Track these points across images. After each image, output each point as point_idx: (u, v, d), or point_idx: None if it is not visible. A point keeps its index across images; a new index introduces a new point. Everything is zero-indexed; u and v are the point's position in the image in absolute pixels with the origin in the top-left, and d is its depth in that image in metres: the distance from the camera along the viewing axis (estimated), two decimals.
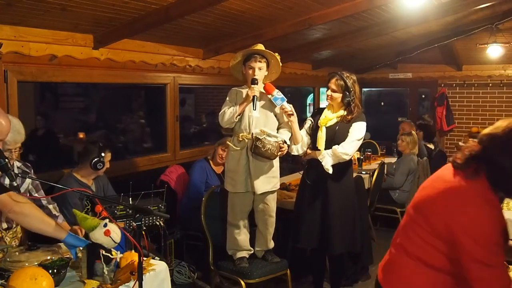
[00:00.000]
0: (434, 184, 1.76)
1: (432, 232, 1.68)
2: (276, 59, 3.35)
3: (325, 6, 3.96)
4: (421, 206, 1.77)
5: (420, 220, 1.73)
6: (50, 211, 2.88)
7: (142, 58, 4.10)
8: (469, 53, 7.12)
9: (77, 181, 3.42)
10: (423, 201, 1.77)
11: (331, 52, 6.18)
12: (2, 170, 1.96)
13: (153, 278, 2.41)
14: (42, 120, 5.90)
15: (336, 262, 3.75)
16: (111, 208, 2.77)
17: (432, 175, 1.85)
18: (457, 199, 1.63)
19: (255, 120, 3.31)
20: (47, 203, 2.90)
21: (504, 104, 7.61)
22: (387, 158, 6.29)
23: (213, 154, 4.42)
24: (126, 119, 7.68)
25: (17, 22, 3.06)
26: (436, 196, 1.71)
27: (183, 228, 4.25)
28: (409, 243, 1.78)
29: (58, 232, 2.25)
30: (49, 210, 2.87)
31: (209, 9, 3.39)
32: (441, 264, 1.69)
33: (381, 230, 5.73)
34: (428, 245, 1.70)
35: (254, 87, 3.22)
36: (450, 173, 1.71)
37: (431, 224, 1.69)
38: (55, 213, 2.92)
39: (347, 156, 3.41)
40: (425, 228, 1.71)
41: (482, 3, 4.85)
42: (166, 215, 2.43)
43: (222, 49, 4.64)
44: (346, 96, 3.43)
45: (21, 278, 1.95)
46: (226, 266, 3.52)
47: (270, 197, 3.44)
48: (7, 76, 3.17)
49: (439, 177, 1.77)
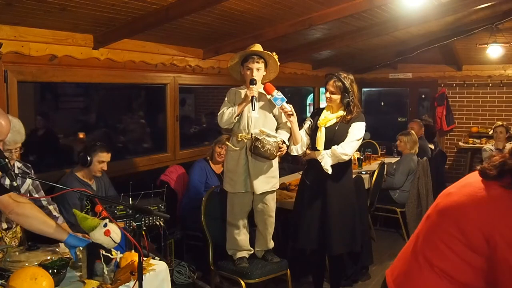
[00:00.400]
0: (464, 191, 1.60)
1: (468, 244, 1.51)
2: (274, 59, 3.35)
3: (325, 6, 3.97)
4: (451, 213, 1.60)
5: (451, 229, 1.55)
6: (50, 212, 2.87)
7: (142, 58, 4.10)
8: (469, 53, 7.12)
9: (78, 180, 3.43)
10: (453, 208, 1.59)
11: (331, 52, 6.18)
12: (2, 170, 1.96)
13: (153, 278, 2.41)
14: (42, 120, 5.89)
15: (336, 262, 3.74)
16: (111, 208, 2.77)
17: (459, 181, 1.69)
18: (498, 208, 1.49)
19: (254, 121, 3.31)
20: (48, 204, 2.91)
21: (504, 104, 7.62)
22: (387, 158, 6.28)
23: (211, 154, 4.42)
24: (126, 119, 7.67)
25: (17, 22, 3.06)
26: (470, 203, 1.55)
27: (183, 228, 4.25)
28: (434, 254, 1.58)
29: (59, 233, 2.26)
30: (49, 211, 2.87)
31: (209, 9, 3.39)
32: (471, 281, 1.53)
33: (381, 230, 5.73)
34: (459, 258, 1.52)
35: (253, 88, 3.22)
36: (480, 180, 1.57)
37: (466, 235, 1.51)
38: (55, 214, 2.92)
39: (346, 156, 3.40)
40: (459, 238, 1.53)
41: (482, 3, 4.85)
42: (166, 215, 2.43)
43: (222, 49, 4.64)
44: (345, 97, 3.42)
45: (21, 278, 1.95)
46: (226, 266, 3.52)
47: (269, 197, 3.44)
48: (7, 76, 3.17)
49: (468, 184, 1.62)
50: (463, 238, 1.51)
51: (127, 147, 7.07)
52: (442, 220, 1.61)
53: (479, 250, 1.49)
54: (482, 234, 1.48)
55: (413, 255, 1.66)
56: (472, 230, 1.50)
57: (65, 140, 6.40)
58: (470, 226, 1.51)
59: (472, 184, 1.59)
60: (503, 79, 7.51)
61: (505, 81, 7.51)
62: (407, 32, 5.67)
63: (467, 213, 1.54)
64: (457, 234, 1.53)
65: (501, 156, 1.58)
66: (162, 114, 4.85)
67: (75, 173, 3.49)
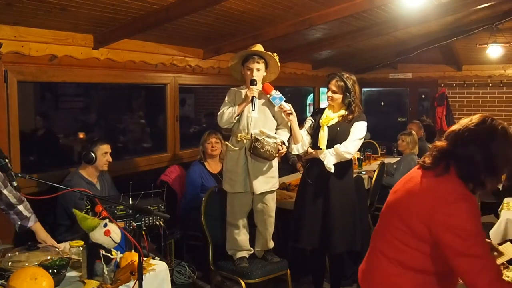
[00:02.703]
0: (406, 186, 1.79)
1: (413, 235, 1.70)
2: (274, 60, 3.35)
3: (325, 6, 3.96)
4: (396, 209, 1.79)
5: (398, 224, 1.75)
6: (20, 212, 2.59)
7: (142, 58, 4.10)
8: (469, 53, 7.12)
9: (82, 179, 3.44)
10: (398, 204, 1.79)
11: (331, 52, 6.18)
12: (2, 170, 1.96)
13: (153, 278, 2.41)
14: (42, 120, 5.89)
15: (336, 262, 3.74)
16: (111, 208, 2.77)
17: (402, 178, 1.89)
18: (431, 198, 1.67)
19: (254, 121, 3.31)
20: (17, 203, 2.58)
21: (504, 104, 7.61)
22: (387, 158, 6.28)
23: (203, 155, 4.38)
24: (126, 119, 7.68)
25: (17, 22, 3.06)
26: (410, 198, 1.74)
27: (183, 228, 4.25)
28: (388, 247, 1.78)
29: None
30: (18, 210, 2.59)
31: (209, 9, 3.39)
32: (423, 265, 1.71)
33: None
34: (409, 248, 1.71)
35: (253, 88, 3.22)
36: (420, 174, 1.76)
37: (410, 227, 1.70)
38: (26, 213, 2.62)
39: (349, 155, 3.41)
40: (405, 231, 1.72)
41: (482, 3, 4.85)
42: (166, 215, 2.43)
43: (222, 49, 4.64)
44: (347, 97, 3.43)
45: (21, 278, 1.95)
46: (226, 266, 3.52)
47: (269, 197, 3.44)
48: (7, 76, 3.17)
49: (410, 180, 1.80)
50: (408, 230, 1.72)
51: (127, 147, 7.08)
52: (391, 216, 1.82)
53: (424, 238, 1.68)
54: (423, 224, 1.67)
55: (372, 251, 1.89)
56: (414, 221, 1.70)
57: (65, 140, 6.41)
58: (412, 218, 1.71)
59: (413, 180, 1.79)
60: (503, 79, 7.51)
61: (505, 81, 7.51)
62: (407, 32, 5.67)
63: (408, 207, 1.74)
64: (403, 227, 1.73)
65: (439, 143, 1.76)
66: (162, 114, 4.85)
67: (79, 171, 3.50)
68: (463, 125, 1.72)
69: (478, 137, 1.66)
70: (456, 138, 1.70)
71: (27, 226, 2.61)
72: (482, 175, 1.67)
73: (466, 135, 1.68)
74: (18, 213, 2.58)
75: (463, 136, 1.68)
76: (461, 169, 1.66)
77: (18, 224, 2.60)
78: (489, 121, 1.70)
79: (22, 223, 2.60)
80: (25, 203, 2.62)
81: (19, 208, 2.58)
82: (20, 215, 2.59)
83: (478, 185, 1.69)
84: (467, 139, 1.67)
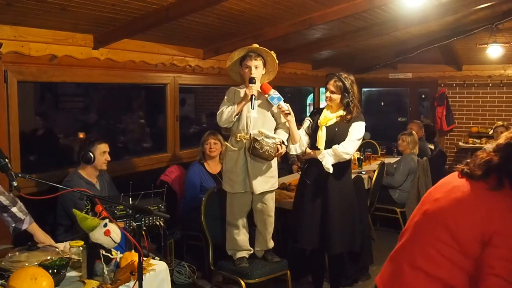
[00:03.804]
0: (452, 195, 1.60)
1: (460, 250, 1.53)
2: (271, 56, 3.34)
3: (325, 6, 3.97)
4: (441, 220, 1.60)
5: (443, 236, 1.56)
6: (14, 214, 2.53)
7: (142, 58, 4.10)
8: (469, 53, 7.12)
9: (82, 179, 3.44)
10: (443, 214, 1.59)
11: (331, 52, 6.18)
12: (2, 170, 1.96)
13: (153, 278, 2.41)
14: (42, 120, 5.89)
15: (336, 262, 3.74)
16: (111, 208, 2.77)
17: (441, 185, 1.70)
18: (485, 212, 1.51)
19: (253, 121, 3.31)
20: (11, 205, 2.52)
21: (504, 104, 7.61)
22: (387, 158, 6.28)
23: (202, 155, 4.38)
24: (126, 119, 7.67)
25: (17, 22, 3.06)
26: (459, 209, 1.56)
27: (183, 228, 4.25)
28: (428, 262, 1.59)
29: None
30: (12, 213, 2.52)
31: (209, 9, 3.39)
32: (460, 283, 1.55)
33: (381, 230, 5.72)
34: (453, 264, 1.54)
35: (252, 86, 3.21)
36: (467, 183, 1.58)
37: (458, 240, 1.53)
38: (20, 215, 2.55)
39: (347, 155, 3.41)
40: (450, 244, 1.54)
41: (482, 3, 4.85)
42: (166, 215, 2.43)
43: (222, 49, 4.64)
44: (345, 97, 3.43)
45: (21, 278, 1.95)
46: (226, 266, 3.52)
47: (268, 196, 3.44)
48: (7, 76, 3.17)
49: (454, 188, 1.61)
50: (455, 244, 1.52)
51: (127, 147, 7.08)
52: (433, 227, 1.60)
53: (470, 253, 1.50)
54: (474, 238, 1.49)
55: (403, 263, 1.65)
56: (464, 235, 1.51)
57: (65, 140, 6.41)
58: (462, 231, 1.51)
59: (460, 189, 1.58)
60: (503, 79, 7.51)
61: (505, 81, 7.51)
62: (407, 32, 5.67)
63: (458, 219, 1.54)
64: (449, 241, 1.53)
65: (487, 154, 1.58)
66: (162, 114, 4.86)
67: (78, 171, 3.49)
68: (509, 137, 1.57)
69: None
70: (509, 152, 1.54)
71: (22, 228, 2.56)
72: None
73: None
74: (12, 215, 2.52)
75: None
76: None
77: (12, 227, 2.54)
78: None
79: (16, 226, 2.54)
80: (19, 204, 2.56)
81: (12, 210, 2.52)
82: (14, 217, 2.53)
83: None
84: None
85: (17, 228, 2.57)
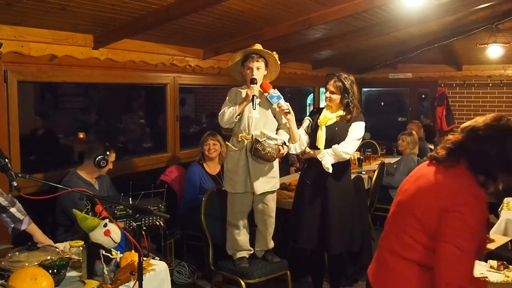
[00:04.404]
0: (417, 183, 1.82)
1: (425, 232, 1.73)
2: (274, 58, 3.35)
3: (325, 6, 3.96)
4: (409, 207, 1.81)
5: (411, 221, 1.77)
6: (12, 214, 2.55)
7: (142, 58, 4.10)
8: (469, 53, 7.12)
9: (81, 179, 3.44)
10: (411, 201, 1.82)
11: (331, 52, 6.18)
12: (2, 170, 1.96)
13: (153, 278, 2.41)
14: (42, 120, 5.89)
15: (336, 262, 3.74)
16: (111, 208, 2.77)
17: (410, 176, 1.92)
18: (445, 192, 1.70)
19: (255, 121, 3.31)
20: (9, 205, 2.54)
21: (504, 104, 7.61)
22: (387, 158, 6.28)
23: (202, 156, 4.38)
24: (126, 119, 7.68)
25: (17, 22, 3.06)
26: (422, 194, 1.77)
27: (183, 228, 4.25)
28: (401, 246, 1.81)
29: None
30: (11, 213, 2.55)
31: (209, 9, 3.39)
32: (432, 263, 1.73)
33: (381, 230, 5.61)
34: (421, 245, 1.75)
35: (254, 87, 3.22)
36: (431, 170, 1.79)
37: (423, 223, 1.74)
38: (19, 216, 2.57)
39: (347, 155, 3.41)
40: (418, 228, 1.75)
41: (482, 3, 4.85)
42: (166, 215, 2.44)
43: (222, 49, 4.64)
44: (345, 97, 3.43)
45: (21, 278, 1.95)
46: (226, 266, 3.52)
47: (269, 197, 3.44)
48: (7, 76, 3.17)
49: (420, 176, 1.83)
50: (421, 227, 1.74)
51: (127, 147, 7.08)
52: (403, 214, 1.83)
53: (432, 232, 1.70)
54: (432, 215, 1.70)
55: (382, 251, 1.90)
56: (428, 217, 1.72)
57: (65, 140, 6.41)
58: (426, 214, 1.73)
59: (424, 176, 1.81)
60: (503, 79, 7.51)
61: (505, 81, 7.51)
62: (407, 32, 5.67)
63: (421, 203, 1.76)
64: (416, 224, 1.76)
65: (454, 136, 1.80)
66: (162, 114, 4.85)
67: (77, 172, 3.49)
68: (478, 121, 1.77)
69: (494, 133, 1.72)
70: (472, 132, 1.75)
71: (21, 229, 2.57)
72: (495, 170, 1.71)
73: (482, 130, 1.73)
74: (11, 216, 2.54)
75: (478, 130, 1.74)
76: (474, 163, 1.71)
77: (11, 227, 2.56)
78: (504, 119, 1.76)
79: (15, 226, 2.56)
80: (17, 205, 2.57)
81: (11, 210, 2.54)
82: (13, 218, 2.54)
83: (489, 179, 1.73)
84: (483, 134, 1.72)
85: (16, 229, 2.57)
